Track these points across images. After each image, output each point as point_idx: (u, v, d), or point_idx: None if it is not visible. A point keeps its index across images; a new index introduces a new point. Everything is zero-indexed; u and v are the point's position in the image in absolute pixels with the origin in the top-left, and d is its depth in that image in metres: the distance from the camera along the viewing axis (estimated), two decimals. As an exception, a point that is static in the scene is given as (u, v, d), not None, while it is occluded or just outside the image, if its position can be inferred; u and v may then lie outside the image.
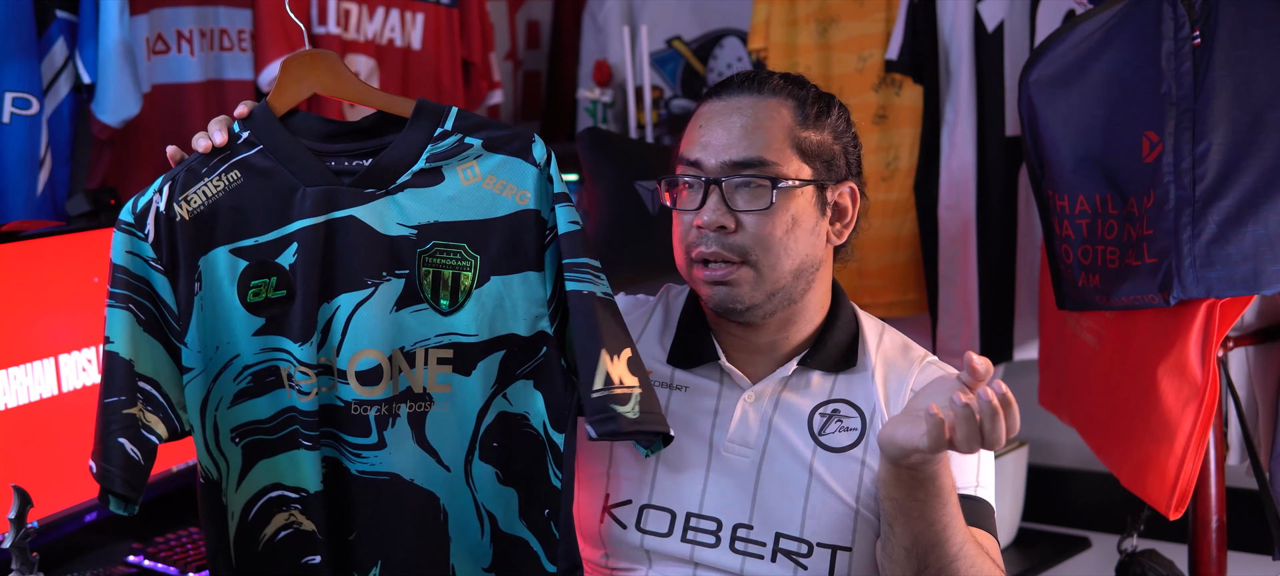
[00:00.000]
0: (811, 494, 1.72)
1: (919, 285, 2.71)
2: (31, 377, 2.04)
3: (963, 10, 2.55)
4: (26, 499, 1.66)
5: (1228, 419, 2.20)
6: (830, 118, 1.76)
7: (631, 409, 1.63)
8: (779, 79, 1.77)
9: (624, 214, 2.13)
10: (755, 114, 1.73)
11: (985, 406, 1.48)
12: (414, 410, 1.69)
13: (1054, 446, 2.91)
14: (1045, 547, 2.72)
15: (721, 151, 1.72)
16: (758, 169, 1.71)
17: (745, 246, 1.71)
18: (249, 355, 1.67)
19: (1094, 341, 2.26)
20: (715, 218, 1.71)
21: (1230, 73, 1.96)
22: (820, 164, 1.74)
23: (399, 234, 1.67)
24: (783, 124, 1.73)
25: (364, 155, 1.69)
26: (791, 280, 1.73)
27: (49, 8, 2.24)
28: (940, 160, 2.60)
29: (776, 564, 1.71)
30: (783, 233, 1.71)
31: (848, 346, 1.80)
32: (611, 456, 1.77)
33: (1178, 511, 2.10)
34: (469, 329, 1.68)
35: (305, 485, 1.68)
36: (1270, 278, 1.96)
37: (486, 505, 1.71)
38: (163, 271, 1.65)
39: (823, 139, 1.75)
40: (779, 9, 2.78)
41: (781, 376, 1.77)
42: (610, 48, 3.38)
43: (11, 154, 2.21)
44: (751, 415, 1.76)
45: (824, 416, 1.76)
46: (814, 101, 1.76)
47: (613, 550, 1.76)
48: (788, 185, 1.71)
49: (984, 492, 1.75)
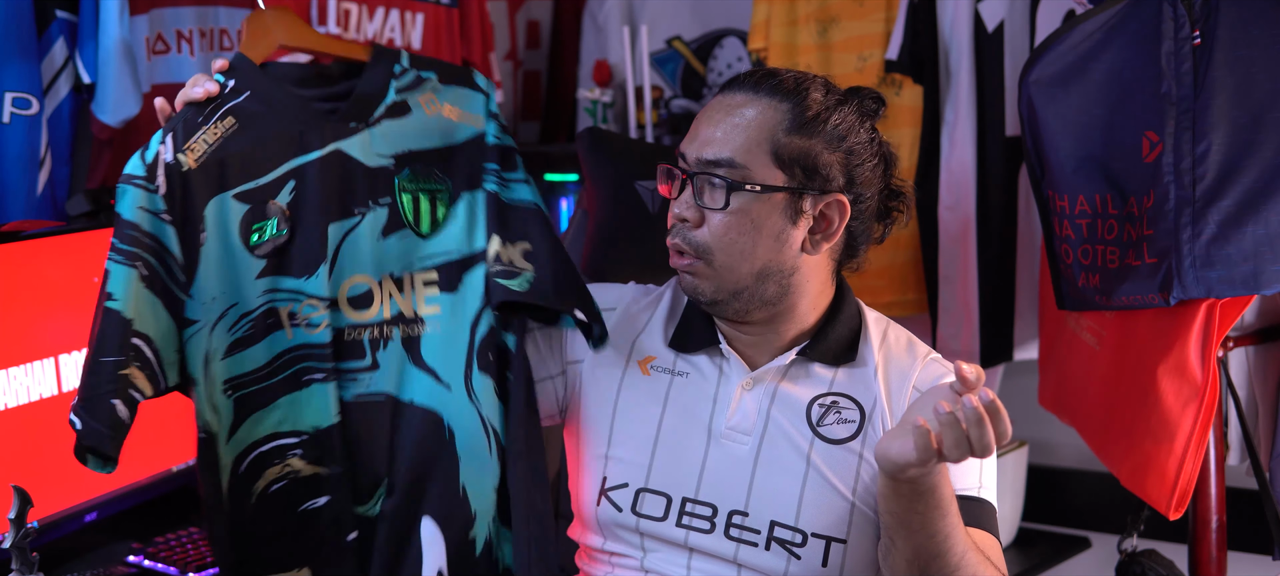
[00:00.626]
0: (808, 484, 1.73)
1: (919, 285, 2.71)
2: (31, 377, 2.04)
3: (963, 10, 2.55)
4: (26, 499, 1.66)
5: (1228, 419, 2.20)
6: (827, 126, 1.73)
7: (520, 284, 1.77)
8: (790, 80, 1.75)
9: (624, 214, 2.13)
10: (741, 114, 1.73)
11: (970, 414, 1.48)
12: (407, 333, 1.76)
13: (1054, 446, 2.91)
14: (1045, 547, 2.72)
15: (700, 147, 1.74)
16: (724, 169, 1.71)
17: (701, 243, 1.73)
18: (250, 301, 1.71)
19: (1094, 341, 2.26)
20: (681, 211, 1.74)
21: (1230, 73, 1.96)
22: (799, 172, 1.72)
23: (379, 165, 1.77)
24: (764, 127, 1.72)
25: (336, 98, 1.78)
26: (753, 282, 1.73)
27: (49, 8, 2.24)
28: (940, 160, 2.60)
29: (770, 552, 1.72)
30: (737, 235, 1.72)
31: (849, 340, 1.80)
32: (610, 439, 1.78)
33: (1178, 511, 2.10)
34: (448, 247, 1.78)
35: (317, 421, 1.72)
36: (1270, 278, 1.96)
37: (490, 420, 1.77)
38: (172, 223, 1.68)
39: (809, 147, 1.72)
40: (779, 9, 2.78)
41: (780, 365, 1.78)
42: (610, 48, 3.38)
43: (11, 154, 2.21)
44: (749, 402, 1.76)
45: (822, 408, 1.76)
46: (815, 107, 1.73)
47: (609, 534, 1.77)
48: (748, 190, 1.71)
49: (986, 493, 1.75)
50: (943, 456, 1.50)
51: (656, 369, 1.80)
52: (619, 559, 1.78)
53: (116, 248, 1.65)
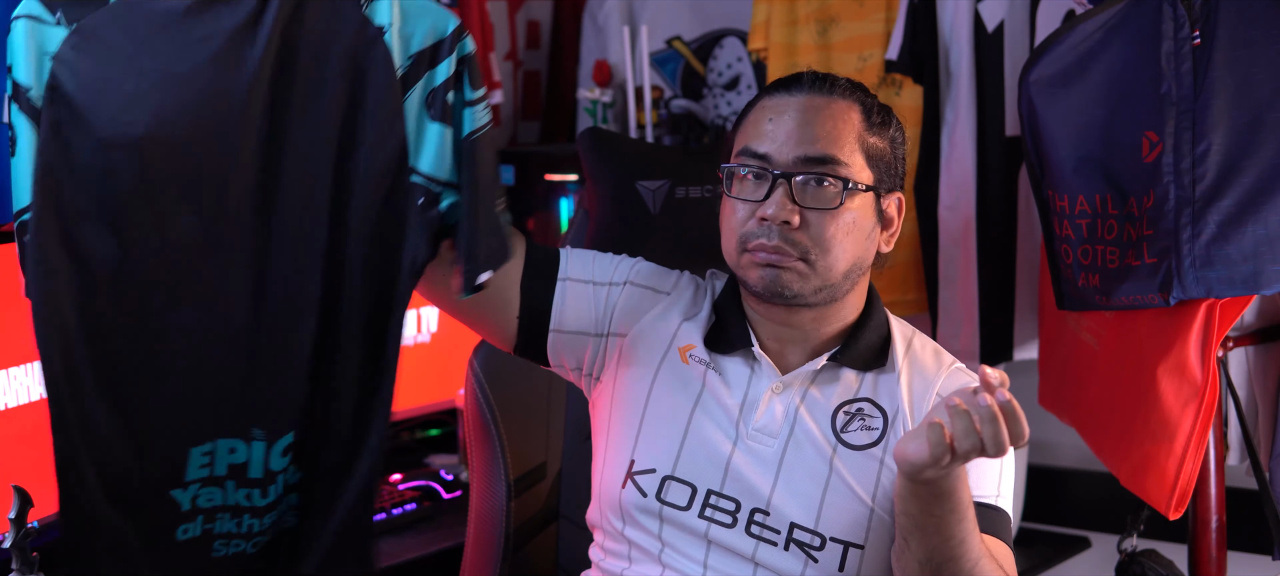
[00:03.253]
0: (830, 489, 1.73)
1: (919, 285, 2.71)
2: (31, 377, 2.04)
3: (963, 10, 2.56)
4: (26, 499, 1.66)
5: (1228, 419, 2.20)
6: (890, 128, 1.79)
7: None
8: (846, 83, 1.78)
9: (624, 214, 2.13)
10: (830, 112, 1.74)
11: (984, 412, 1.48)
12: None
13: (1054, 446, 2.91)
14: (1045, 547, 2.72)
15: (794, 146, 1.73)
16: (830, 166, 1.72)
17: (805, 244, 1.72)
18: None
19: (1094, 341, 2.26)
20: (780, 212, 1.71)
21: (1230, 73, 1.96)
22: (881, 170, 1.76)
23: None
24: (853, 126, 1.74)
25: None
26: (841, 279, 1.75)
27: (49, 8, 2.24)
28: (940, 160, 2.60)
29: (789, 553, 1.72)
30: (843, 234, 1.73)
31: (879, 347, 1.81)
32: (642, 423, 1.79)
33: (1178, 511, 2.10)
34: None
35: None
36: (1270, 277, 1.96)
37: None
38: None
39: (884, 146, 1.77)
40: (779, 9, 2.78)
41: (811, 370, 1.78)
42: (610, 48, 3.38)
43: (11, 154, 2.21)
44: (778, 405, 1.77)
45: (847, 415, 1.77)
46: (878, 109, 1.78)
47: (631, 519, 1.77)
48: (856, 187, 1.73)
49: (1002, 502, 1.76)
50: (955, 452, 1.50)
51: (694, 358, 1.81)
52: (637, 549, 1.78)
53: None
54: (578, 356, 1.86)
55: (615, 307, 1.85)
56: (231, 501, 1.70)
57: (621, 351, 1.84)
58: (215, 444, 1.66)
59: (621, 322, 1.85)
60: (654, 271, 1.89)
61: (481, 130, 1.70)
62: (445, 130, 1.69)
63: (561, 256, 1.86)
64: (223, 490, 1.69)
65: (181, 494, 1.67)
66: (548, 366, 1.88)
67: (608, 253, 1.90)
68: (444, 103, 1.68)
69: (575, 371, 1.88)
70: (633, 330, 1.84)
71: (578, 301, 1.84)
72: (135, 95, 1.55)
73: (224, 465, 1.68)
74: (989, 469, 1.73)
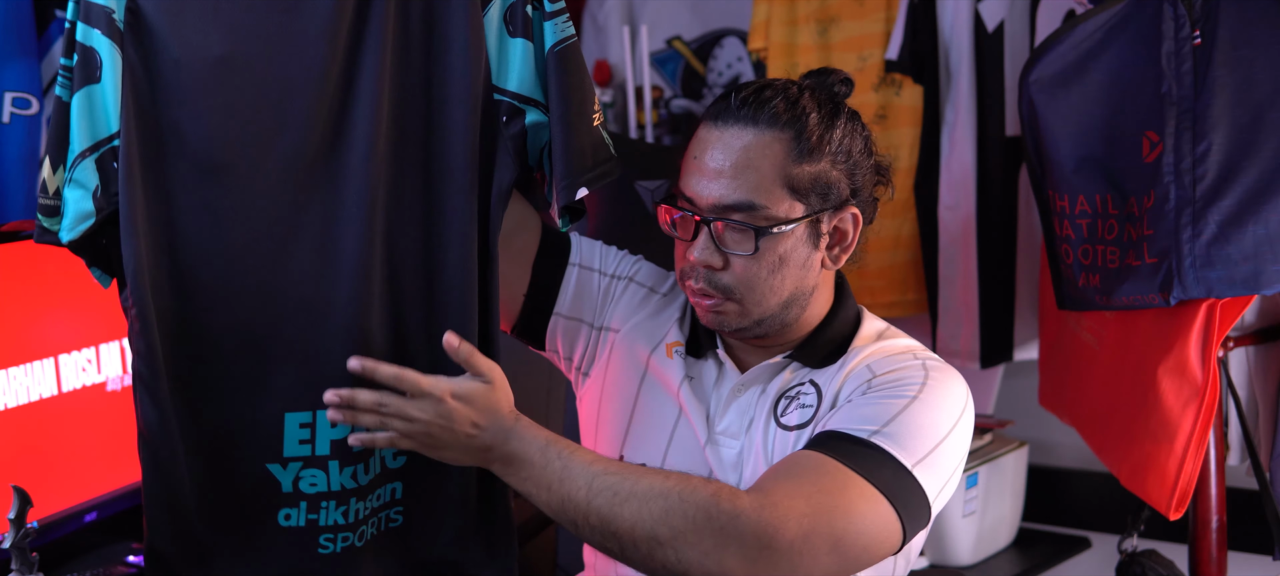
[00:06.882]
0: (759, 474, 1.72)
1: (919, 285, 2.71)
2: (31, 377, 2.04)
3: (963, 10, 2.56)
4: (26, 499, 1.66)
5: (1228, 419, 2.20)
6: (831, 144, 1.71)
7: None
8: (780, 103, 1.70)
9: (624, 214, 2.14)
10: (747, 152, 1.69)
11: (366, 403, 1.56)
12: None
13: (1054, 446, 2.90)
14: (1045, 547, 2.71)
15: (714, 189, 1.69)
16: (745, 213, 1.69)
17: (730, 286, 1.72)
18: None
19: (1094, 341, 2.26)
20: (703, 257, 1.71)
21: (1230, 73, 1.96)
22: (815, 197, 1.71)
23: None
24: (774, 162, 1.69)
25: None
26: (780, 310, 1.74)
27: (49, 8, 2.24)
28: (940, 160, 2.60)
29: None
30: (768, 273, 1.71)
31: (839, 343, 1.79)
32: (630, 421, 1.81)
33: (1178, 511, 2.10)
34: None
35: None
36: (1270, 277, 1.96)
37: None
38: None
39: (819, 170, 1.70)
40: (779, 9, 2.78)
41: (767, 366, 1.78)
42: (610, 48, 3.38)
43: (11, 154, 2.21)
44: (737, 407, 1.78)
45: (788, 399, 1.76)
46: (815, 129, 1.70)
47: None
48: (775, 232, 1.69)
49: (882, 441, 1.64)
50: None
51: (679, 355, 1.82)
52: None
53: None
54: (572, 344, 1.87)
55: (614, 301, 1.86)
56: (336, 486, 1.66)
57: (613, 347, 1.86)
58: (314, 416, 1.63)
59: (617, 317, 1.86)
60: (654, 272, 1.91)
61: (566, 42, 1.67)
62: (527, 45, 1.67)
63: (572, 242, 1.87)
64: (326, 472, 1.65)
65: (282, 473, 1.64)
66: (542, 350, 1.89)
67: (613, 246, 1.90)
68: (523, 17, 1.66)
69: (567, 360, 1.89)
70: (626, 326, 1.85)
71: (583, 288, 1.86)
72: (214, 14, 1.54)
73: (326, 442, 1.64)
74: (875, 405, 1.67)
